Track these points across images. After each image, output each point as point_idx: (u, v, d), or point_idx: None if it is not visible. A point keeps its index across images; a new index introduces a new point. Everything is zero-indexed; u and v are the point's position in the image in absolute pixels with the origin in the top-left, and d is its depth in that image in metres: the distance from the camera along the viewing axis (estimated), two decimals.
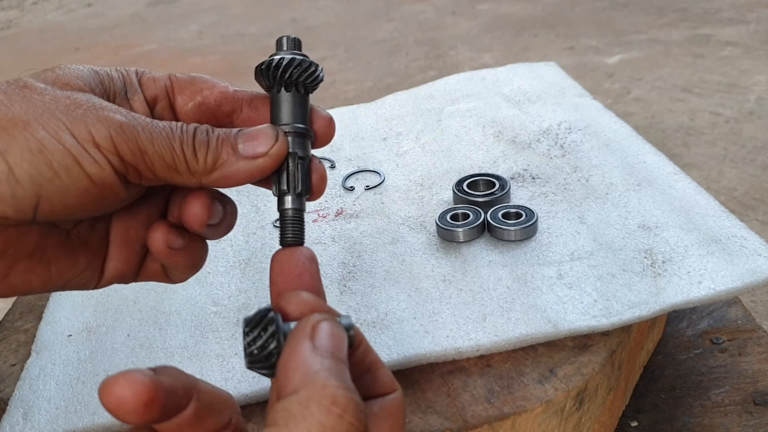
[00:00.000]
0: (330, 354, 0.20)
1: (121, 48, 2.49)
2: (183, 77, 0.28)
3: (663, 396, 0.40)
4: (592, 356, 0.34)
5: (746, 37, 1.81)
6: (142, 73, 0.28)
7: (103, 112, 0.24)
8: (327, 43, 2.23)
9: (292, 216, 0.27)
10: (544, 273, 0.38)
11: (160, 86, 0.28)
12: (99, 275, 0.27)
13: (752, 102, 1.47)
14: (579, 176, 0.46)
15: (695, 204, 0.42)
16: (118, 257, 0.27)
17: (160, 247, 0.27)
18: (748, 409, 0.38)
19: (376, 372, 0.22)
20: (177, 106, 0.28)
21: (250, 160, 0.25)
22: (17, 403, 0.35)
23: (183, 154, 0.24)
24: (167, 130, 0.25)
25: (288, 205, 0.27)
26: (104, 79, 0.26)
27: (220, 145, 0.25)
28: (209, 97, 0.28)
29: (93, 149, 0.23)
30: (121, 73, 0.27)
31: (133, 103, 0.27)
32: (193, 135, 0.25)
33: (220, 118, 0.28)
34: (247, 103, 0.28)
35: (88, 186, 0.23)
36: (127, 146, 0.23)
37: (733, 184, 1.17)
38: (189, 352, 0.36)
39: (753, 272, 0.36)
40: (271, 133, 0.26)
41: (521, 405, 0.31)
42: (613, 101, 1.57)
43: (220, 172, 0.25)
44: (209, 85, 0.28)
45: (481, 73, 0.64)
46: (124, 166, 0.24)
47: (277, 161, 0.26)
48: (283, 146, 0.26)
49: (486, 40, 2.12)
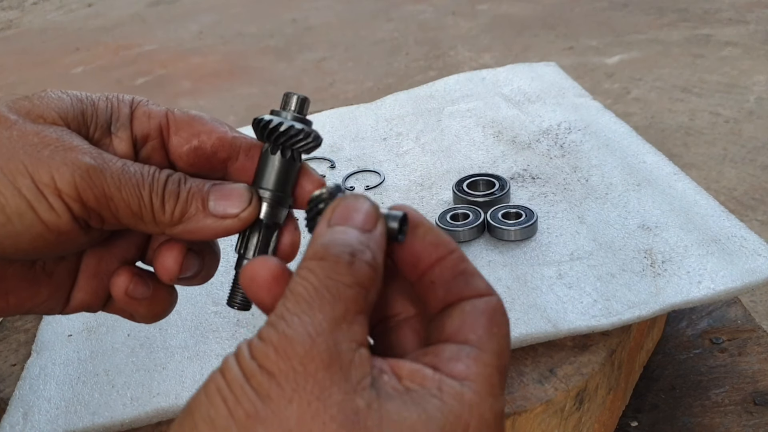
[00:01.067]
0: (338, 224, 0.20)
1: (121, 48, 2.49)
2: (181, 115, 0.27)
3: (663, 396, 0.40)
4: (592, 356, 0.34)
5: (746, 37, 1.81)
6: (138, 105, 0.26)
7: (71, 153, 0.23)
8: (327, 43, 2.23)
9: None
10: (543, 273, 0.38)
11: (154, 124, 0.26)
12: (64, 304, 0.27)
13: (752, 102, 1.47)
14: (579, 176, 0.47)
15: (695, 204, 0.42)
16: (85, 289, 0.27)
17: (120, 295, 0.26)
18: (747, 409, 0.38)
19: (470, 277, 0.21)
20: (171, 146, 0.26)
21: (218, 219, 0.24)
22: (17, 403, 0.35)
23: (150, 203, 0.24)
24: (137, 176, 0.23)
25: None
26: (87, 109, 0.25)
27: (190, 198, 0.24)
28: (206, 142, 0.26)
29: (52, 195, 0.22)
30: (111, 103, 0.26)
31: (115, 139, 0.25)
32: (164, 184, 0.24)
33: (214, 164, 0.27)
34: (245, 152, 0.26)
35: (42, 232, 0.22)
36: (91, 192, 0.22)
37: (732, 184, 1.17)
38: (189, 352, 0.36)
39: (752, 272, 0.36)
40: (245, 195, 0.25)
41: (521, 405, 0.31)
42: (613, 101, 1.57)
43: (185, 226, 0.24)
44: (208, 128, 0.26)
45: (481, 73, 0.64)
46: (86, 212, 0.23)
47: (245, 225, 0.25)
48: (254, 212, 0.25)
49: (486, 41, 2.12)
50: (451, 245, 0.22)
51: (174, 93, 2.07)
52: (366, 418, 0.17)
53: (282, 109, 0.26)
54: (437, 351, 0.20)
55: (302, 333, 0.17)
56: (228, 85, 2.03)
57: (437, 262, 0.21)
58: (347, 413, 0.17)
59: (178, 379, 0.35)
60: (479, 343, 0.20)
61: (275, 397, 0.16)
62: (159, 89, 2.12)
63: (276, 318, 0.18)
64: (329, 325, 0.18)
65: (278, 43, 2.29)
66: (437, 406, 0.18)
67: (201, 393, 0.18)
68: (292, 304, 0.18)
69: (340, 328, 0.18)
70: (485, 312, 0.21)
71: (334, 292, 0.18)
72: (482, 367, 0.19)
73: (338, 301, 0.18)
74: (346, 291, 0.18)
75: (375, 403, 0.17)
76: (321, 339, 0.17)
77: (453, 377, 0.19)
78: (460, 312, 0.20)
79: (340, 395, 0.17)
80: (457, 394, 0.18)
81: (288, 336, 0.17)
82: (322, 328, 0.17)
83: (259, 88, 1.97)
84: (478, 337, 0.20)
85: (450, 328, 0.20)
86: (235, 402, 0.17)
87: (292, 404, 0.16)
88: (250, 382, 0.17)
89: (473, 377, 0.19)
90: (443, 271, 0.21)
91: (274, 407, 0.16)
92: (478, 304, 0.21)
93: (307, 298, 0.18)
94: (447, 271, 0.21)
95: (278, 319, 0.18)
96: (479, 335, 0.20)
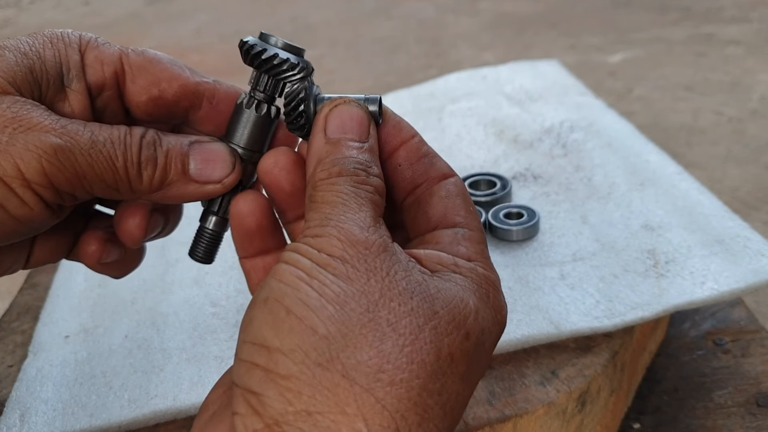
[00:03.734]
0: (338, 138, 0.22)
1: None
2: (136, 58, 0.24)
3: (666, 398, 0.40)
4: (595, 358, 0.33)
5: (749, 35, 1.80)
6: (87, 47, 0.23)
7: (34, 135, 0.20)
8: (326, 41, 2.22)
9: (210, 236, 0.26)
10: (546, 273, 0.37)
11: (109, 71, 0.23)
12: (24, 263, 0.26)
13: (755, 101, 1.46)
14: (581, 176, 0.46)
15: (698, 204, 0.42)
16: (45, 246, 0.25)
17: (92, 263, 0.25)
18: (751, 411, 0.37)
19: (433, 158, 0.24)
20: (128, 96, 0.24)
21: (200, 185, 0.23)
22: (14, 405, 0.34)
23: (126, 173, 0.22)
24: (108, 146, 0.21)
25: (210, 225, 0.26)
26: (34, 64, 0.22)
27: (169, 163, 0.22)
28: (167, 91, 0.24)
29: (21, 188, 0.20)
30: (58, 51, 0.22)
31: (70, 94, 0.23)
32: (139, 149, 0.22)
33: (175, 112, 0.25)
34: (208, 100, 0.25)
35: (14, 227, 0.21)
36: (63, 175, 0.20)
37: (736, 184, 1.17)
38: (187, 354, 0.36)
39: (756, 273, 0.35)
40: (229, 159, 0.24)
41: (523, 407, 0.31)
42: (616, 100, 1.56)
43: (165, 192, 0.23)
44: (168, 74, 0.24)
45: (483, 71, 0.63)
46: (59, 197, 0.21)
47: (227, 190, 0.24)
48: (238, 176, 0.24)
49: (487, 38, 2.12)
50: (412, 129, 0.24)
51: None
52: (426, 287, 0.19)
53: (272, 35, 0.24)
54: (436, 238, 0.22)
55: (355, 224, 0.19)
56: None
57: (401, 145, 0.23)
58: (414, 284, 0.19)
59: (176, 381, 0.34)
60: (467, 223, 0.22)
61: (354, 278, 0.18)
62: None
63: (324, 219, 0.20)
64: (372, 219, 0.20)
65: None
66: (463, 281, 0.20)
67: (278, 284, 0.18)
68: (331, 208, 0.20)
69: (378, 225, 0.20)
70: (460, 193, 0.23)
71: (364, 198, 0.20)
72: (478, 245, 0.22)
73: (368, 205, 0.20)
74: (371, 197, 0.21)
75: (426, 278, 0.19)
76: (371, 230, 0.20)
77: (460, 258, 0.21)
78: (438, 198, 0.23)
79: (402, 272, 0.19)
80: (471, 269, 0.21)
81: (345, 228, 0.19)
82: (367, 221, 0.20)
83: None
84: (463, 218, 0.22)
85: (436, 215, 0.23)
86: (321, 285, 0.18)
87: (370, 281, 0.18)
88: (327, 269, 0.19)
89: (475, 256, 0.21)
90: (409, 154, 0.23)
91: (358, 286, 0.18)
92: (449, 187, 0.23)
93: (345, 203, 0.20)
94: (412, 153, 0.23)
95: (327, 219, 0.20)
96: (464, 216, 0.22)
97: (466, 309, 0.19)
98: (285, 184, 0.23)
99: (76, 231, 0.27)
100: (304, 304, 0.18)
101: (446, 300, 0.19)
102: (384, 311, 0.18)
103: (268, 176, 0.23)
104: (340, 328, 0.17)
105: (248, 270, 0.25)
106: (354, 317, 0.18)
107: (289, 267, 0.19)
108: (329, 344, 0.17)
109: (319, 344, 0.17)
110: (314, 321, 0.17)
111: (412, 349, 0.17)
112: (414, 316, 0.18)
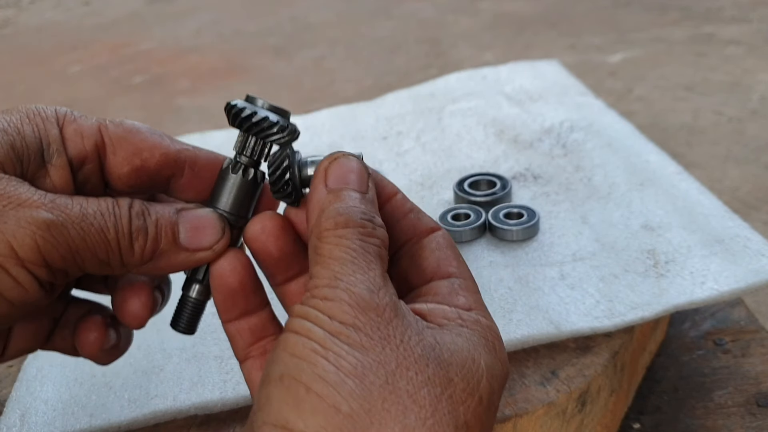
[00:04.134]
0: (340, 188, 0.22)
1: (118, 47, 2.49)
2: (116, 130, 0.24)
3: (666, 398, 0.40)
4: (595, 358, 0.33)
5: (749, 35, 1.80)
6: (65, 121, 0.23)
7: (24, 211, 0.19)
8: (326, 42, 2.22)
9: (193, 305, 0.25)
10: (546, 273, 0.37)
11: (89, 144, 0.23)
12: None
13: (755, 101, 1.46)
14: (581, 176, 0.46)
15: (698, 204, 0.42)
16: (22, 336, 0.24)
17: (93, 351, 0.24)
18: (751, 411, 0.37)
19: (418, 214, 0.24)
20: (109, 167, 0.24)
21: (190, 253, 0.23)
22: (14, 405, 0.34)
23: (118, 246, 0.21)
24: (99, 218, 0.21)
25: (194, 294, 0.25)
26: (15, 140, 0.21)
27: (159, 232, 0.22)
28: (150, 161, 0.24)
29: (15, 267, 0.19)
30: (36, 126, 0.22)
31: (51, 169, 0.22)
32: (129, 221, 0.21)
33: (157, 182, 0.25)
34: (190, 167, 0.25)
35: (6, 311, 0.20)
36: (57, 252, 0.20)
37: (736, 184, 1.17)
38: (187, 354, 0.36)
39: (757, 273, 0.35)
40: (218, 225, 0.23)
41: (522, 407, 0.31)
42: (616, 100, 1.56)
43: (155, 262, 0.22)
44: (149, 144, 0.24)
45: (483, 71, 0.63)
46: (52, 274, 0.20)
47: (218, 257, 0.23)
48: (227, 242, 0.23)
49: (487, 38, 2.12)
50: (393, 186, 0.24)
51: (172, 91, 2.07)
52: (441, 350, 0.19)
53: (258, 97, 0.24)
54: (434, 290, 0.22)
55: (365, 288, 0.19)
56: (227, 84, 2.02)
57: (386, 202, 0.23)
58: (428, 349, 0.19)
59: (176, 381, 0.34)
60: (460, 273, 0.23)
61: (369, 346, 0.18)
62: (157, 88, 2.11)
63: (333, 278, 0.19)
64: (381, 280, 0.20)
65: (277, 42, 2.28)
66: (469, 333, 0.20)
67: (293, 359, 0.18)
68: (340, 266, 0.19)
69: (387, 284, 0.20)
70: (449, 245, 0.23)
71: (372, 254, 0.20)
72: (474, 294, 0.22)
73: (376, 262, 0.20)
74: (378, 251, 0.20)
75: (437, 336, 0.19)
76: (381, 292, 0.19)
77: (460, 308, 0.21)
78: (429, 251, 0.23)
79: (416, 337, 0.19)
80: (475, 321, 0.21)
81: (356, 292, 0.19)
82: (377, 282, 0.19)
83: (259, 87, 1.97)
84: (456, 268, 0.23)
85: (429, 268, 0.23)
86: (337, 357, 0.18)
87: (386, 350, 0.18)
88: (340, 338, 0.18)
89: (474, 305, 0.22)
90: (394, 211, 0.23)
91: (374, 355, 0.18)
92: (439, 240, 0.23)
93: (353, 260, 0.20)
94: (397, 210, 0.24)
95: (336, 279, 0.19)
96: (456, 266, 0.23)
97: (478, 371, 0.19)
98: (273, 250, 0.23)
99: (55, 317, 0.26)
100: (322, 380, 0.17)
101: (459, 364, 0.19)
102: (402, 382, 0.18)
103: (256, 243, 0.22)
104: (363, 404, 0.17)
105: (233, 334, 0.24)
106: (375, 391, 0.17)
107: (301, 339, 0.18)
108: (354, 423, 0.17)
109: (344, 424, 0.17)
110: (336, 399, 0.17)
111: (433, 421, 0.17)
112: (431, 386, 0.18)
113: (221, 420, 0.33)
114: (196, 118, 1.86)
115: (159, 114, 1.93)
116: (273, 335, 0.24)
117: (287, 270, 0.24)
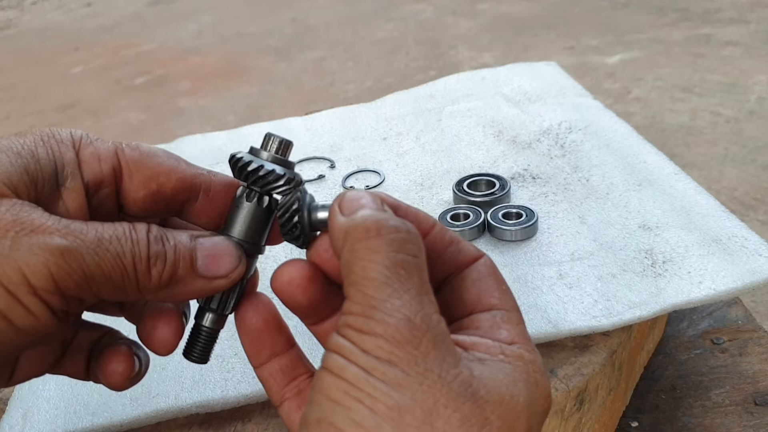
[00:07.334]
0: (356, 209, 0.20)
1: (120, 48, 2.49)
2: (132, 154, 0.23)
3: (663, 396, 0.40)
4: (593, 356, 0.34)
5: (747, 36, 1.81)
6: (81, 144, 0.22)
7: (37, 237, 0.19)
8: (327, 43, 2.23)
9: (207, 334, 0.25)
10: (544, 273, 0.38)
11: (106, 167, 0.23)
12: (7, 379, 0.24)
13: (753, 102, 1.46)
14: (579, 176, 0.46)
15: (696, 204, 0.42)
16: (30, 359, 0.24)
17: (121, 381, 0.24)
18: (748, 410, 0.38)
19: (459, 245, 0.23)
20: (125, 192, 0.23)
21: (207, 281, 0.22)
22: (17, 404, 0.35)
23: (134, 271, 0.21)
24: (115, 244, 0.20)
25: (207, 323, 0.25)
26: (29, 164, 0.21)
27: (178, 258, 0.21)
28: (166, 185, 0.23)
29: (27, 296, 0.19)
30: (51, 149, 0.22)
31: (65, 193, 0.22)
32: (147, 246, 0.21)
33: (172, 207, 0.24)
34: (205, 192, 0.24)
35: (15, 340, 0.19)
36: (71, 279, 0.19)
37: (733, 184, 1.17)
38: None
39: (753, 272, 0.36)
40: (235, 254, 0.23)
41: None
42: (614, 101, 1.57)
43: (171, 290, 0.22)
44: (166, 168, 0.23)
45: (482, 72, 0.63)
46: (66, 302, 0.20)
47: (233, 284, 0.23)
48: (243, 270, 0.23)
49: (486, 40, 2.12)
50: (431, 218, 0.23)
51: (173, 93, 2.07)
52: (478, 386, 0.18)
53: (262, 148, 0.24)
54: (476, 323, 0.21)
55: (401, 318, 0.18)
56: (228, 85, 2.03)
57: (425, 236, 0.22)
58: (464, 386, 0.18)
59: (178, 379, 0.34)
60: (502, 304, 0.21)
61: (405, 383, 0.17)
62: (158, 89, 2.12)
63: (367, 307, 0.18)
64: (417, 303, 0.18)
65: (278, 43, 2.29)
66: (511, 369, 0.19)
67: (327, 402, 0.18)
68: (374, 291, 0.18)
69: (425, 302, 0.18)
70: (491, 273, 0.22)
71: (407, 267, 0.19)
72: (518, 326, 0.21)
73: (413, 275, 0.19)
74: (414, 262, 0.19)
75: (475, 370, 0.18)
76: (419, 318, 0.18)
77: (503, 342, 0.20)
78: (470, 282, 0.22)
79: (453, 370, 0.18)
80: (518, 356, 0.20)
81: (391, 324, 0.18)
82: (413, 307, 0.18)
83: (259, 88, 1.97)
84: (498, 299, 0.21)
85: (470, 300, 0.22)
86: (371, 398, 0.17)
87: (423, 386, 0.17)
88: (374, 375, 0.17)
89: (518, 338, 0.20)
90: (434, 245, 0.22)
91: (410, 393, 0.17)
92: (480, 269, 0.22)
93: (386, 281, 0.18)
94: (438, 243, 0.22)
95: (371, 308, 0.18)
96: (498, 297, 0.21)
97: (516, 408, 0.18)
98: (302, 300, 0.22)
99: (65, 341, 0.25)
100: (358, 425, 0.17)
101: (497, 402, 0.18)
102: (440, 422, 0.17)
103: (284, 294, 0.22)
104: None
105: (266, 378, 0.24)
106: None
107: (335, 380, 0.18)
108: None
109: None
110: None
111: None
112: (468, 425, 0.17)
113: (222, 418, 0.33)
114: (197, 119, 1.87)
115: (160, 115, 1.93)
116: (305, 374, 0.24)
117: (318, 314, 0.23)
